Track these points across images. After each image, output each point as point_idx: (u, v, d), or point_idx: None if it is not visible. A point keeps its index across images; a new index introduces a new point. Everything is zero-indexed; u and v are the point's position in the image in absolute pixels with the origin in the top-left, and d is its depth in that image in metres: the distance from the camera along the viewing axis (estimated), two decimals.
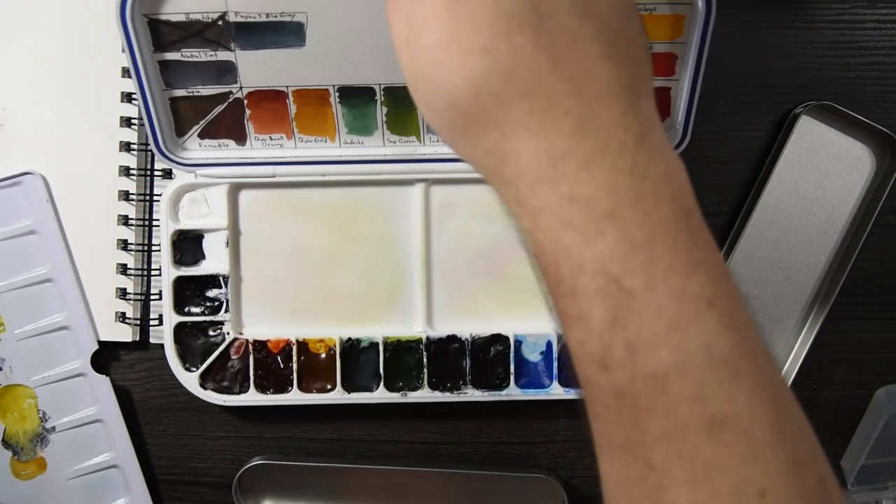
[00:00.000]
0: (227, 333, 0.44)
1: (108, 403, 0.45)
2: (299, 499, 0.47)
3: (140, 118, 0.44)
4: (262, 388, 0.44)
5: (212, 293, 0.44)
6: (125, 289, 0.44)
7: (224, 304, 0.44)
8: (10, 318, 0.44)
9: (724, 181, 0.46)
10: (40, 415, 0.45)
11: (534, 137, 0.26)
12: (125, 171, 0.44)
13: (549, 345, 0.45)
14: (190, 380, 0.44)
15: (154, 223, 0.45)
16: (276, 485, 0.47)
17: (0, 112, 0.44)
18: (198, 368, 0.44)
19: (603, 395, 0.26)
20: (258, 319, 0.45)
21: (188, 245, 0.44)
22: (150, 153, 0.45)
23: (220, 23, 0.41)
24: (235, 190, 0.44)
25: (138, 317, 0.45)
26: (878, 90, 0.46)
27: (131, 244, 0.44)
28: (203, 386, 0.44)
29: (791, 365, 0.45)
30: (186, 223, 0.44)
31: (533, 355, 0.45)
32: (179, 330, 0.44)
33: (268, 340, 0.44)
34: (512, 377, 0.44)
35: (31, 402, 0.45)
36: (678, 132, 0.43)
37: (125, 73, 0.44)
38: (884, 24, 0.46)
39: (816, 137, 0.46)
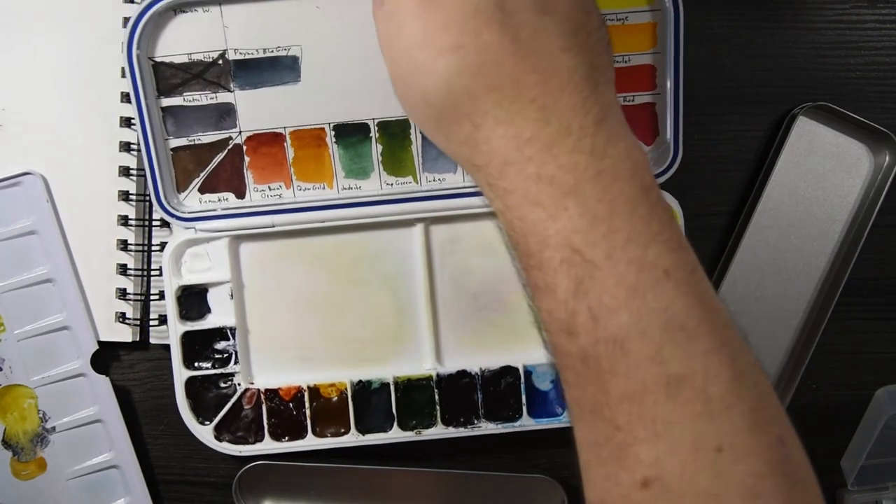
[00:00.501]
0: (238, 384, 0.44)
1: (108, 403, 0.45)
2: (299, 499, 0.47)
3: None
4: (276, 436, 0.44)
5: (220, 345, 0.44)
6: (125, 289, 0.44)
7: (233, 356, 0.44)
8: (10, 318, 0.44)
9: (725, 181, 0.46)
10: (40, 415, 0.45)
11: (501, 125, 0.29)
12: (125, 171, 0.44)
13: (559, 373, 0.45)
14: (205, 433, 0.44)
15: (154, 223, 0.45)
16: (276, 485, 0.47)
17: (0, 112, 0.44)
18: (211, 421, 0.44)
19: (571, 362, 0.28)
20: (268, 368, 0.45)
21: (193, 299, 0.44)
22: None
23: (220, 62, 0.42)
24: (236, 242, 0.44)
25: (138, 317, 0.45)
26: (879, 90, 0.46)
27: (131, 244, 0.44)
28: (218, 438, 0.44)
29: (797, 365, 0.45)
30: (189, 278, 0.44)
31: (544, 384, 0.45)
32: (191, 384, 0.44)
33: (279, 388, 0.44)
34: (524, 408, 0.44)
35: (31, 402, 0.45)
36: (669, 149, 0.43)
37: (125, 73, 0.44)
38: (884, 24, 0.46)
39: (814, 138, 0.46)
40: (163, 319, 0.45)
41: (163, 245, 0.44)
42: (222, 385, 0.44)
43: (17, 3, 0.44)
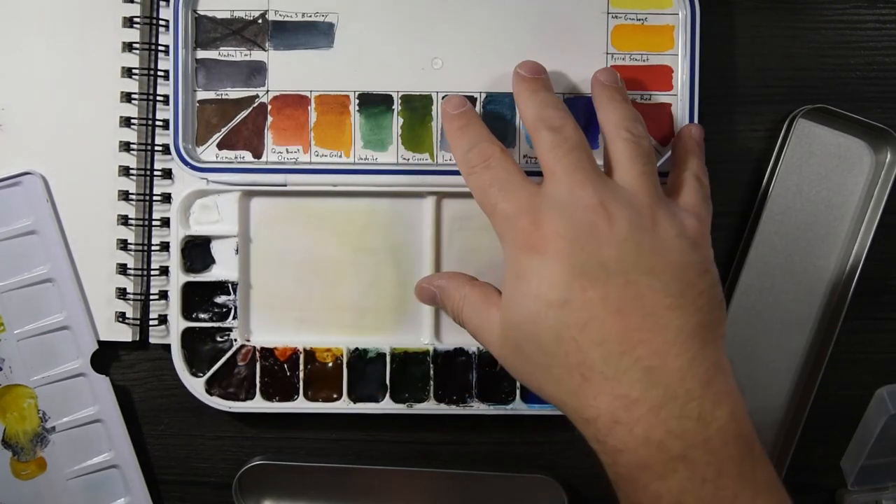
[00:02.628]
0: (235, 340, 0.44)
1: (108, 403, 0.45)
2: (299, 499, 0.47)
3: (142, 118, 0.44)
4: (267, 396, 0.44)
5: (220, 299, 0.44)
6: (125, 289, 0.44)
7: (232, 311, 0.44)
8: (10, 318, 0.44)
9: (728, 181, 0.46)
10: (40, 415, 0.45)
11: (608, 382, 0.30)
12: (125, 171, 0.44)
13: None
14: (196, 385, 0.44)
15: (154, 223, 0.45)
16: (276, 485, 0.47)
17: (0, 112, 0.44)
18: (204, 374, 0.44)
19: None
20: (266, 327, 0.45)
21: (197, 251, 0.44)
22: (150, 153, 0.45)
23: (259, 21, 0.43)
24: (247, 197, 0.44)
25: (138, 317, 0.45)
26: (879, 90, 0.46)
27: (131, 244, 0.44)
28: (209, 392, 0.44)
29: (815, 368, 0.46)
30: (197, 229, 0.44)
31: None
32: (187, 335, 0.44)
33: (275, 348, 0.44)
34: (518, 391, 0.44)
35: (31, 402, 0.45)
36: None
37: (125, 72, 0.44)
38: (884, 24, 0.46)
39: (814, 140, 0.46)
40: (163, 319, 0.45)
41: (163, 244, 0.45)
42: (219, 339, 0.44)
43: (17, 3, 0.44)
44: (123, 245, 0.44)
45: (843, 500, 0.47)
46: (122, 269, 0.44)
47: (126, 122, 0.44)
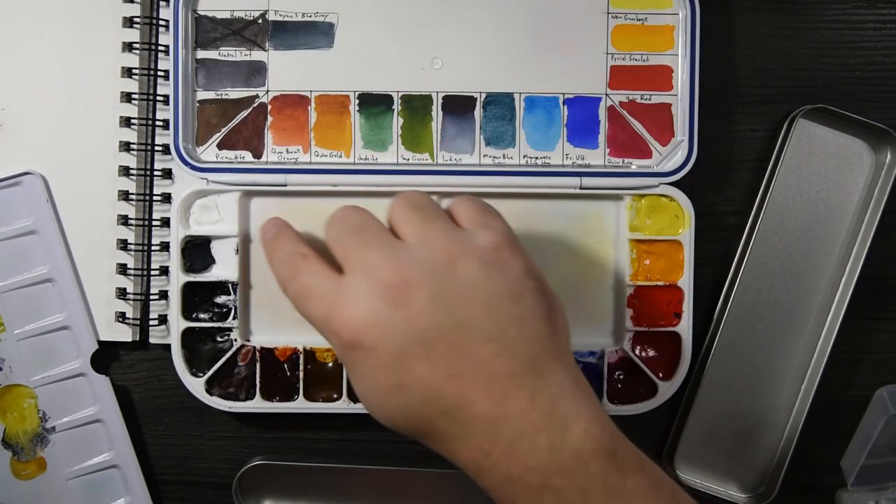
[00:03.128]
0: (235, 340, 0.44)
1: (108, 403, 0.45)
2: (299, 499, 0.47)
3: (142, 118, 0.44)
4: (267, 396, 0.44)
5: (220, 299, 0.44)
6: (125, 289, 0.44)
7: (232, 311, 0.44)
8: (10, 318, 0.44)
9: (728, 181, 0.46)
10: (40, 415, 0.45)
11: (460, 441, 0.31)
12: (125, 171, 0.44)
13: None
14: (196, 385, 0.44)
15: (154, 223, 0.45)
16: (276, 485, 0.47)
17: (0, 112, 0.44)
18: (204, 374, 0.44)
19: None
20: (266, 327, 0.45)
21: (197, 251, 0.44)
22: (150, 153, 0.45)
23: (259, 21, 0.43)
24: (247, 197, 0.44)
25: (138, 317, 0.45)
26: (879, 90, 0.46)
27: (131, 244, 0.44)
28: (209, 392, 0.44)
29: (815, 368, 0.45)
30: (197, 229, 0.44)
31: None
32: (187, 335, 0.44)
33: (275, 348, 0.44)
34: None
35: (31, 402, 0.45)
36: (685, 148, 0.43)
37: (125, 72, 0.44)
38: (884, 24, 0.46)
39: (814, 140, 0.46)
40: (163, 319, 0.45)
41: (163, 244, 0.45)
42: (219, 339, 0.44)
43: (17, 3, 0.44)
44: (123, 245, 0.44)
45: (843, 500, 0.47)
46: (122, 269, 0.44)
47: (126, 122, 0.44)
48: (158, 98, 0.44)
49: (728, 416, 0.46)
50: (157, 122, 0.45)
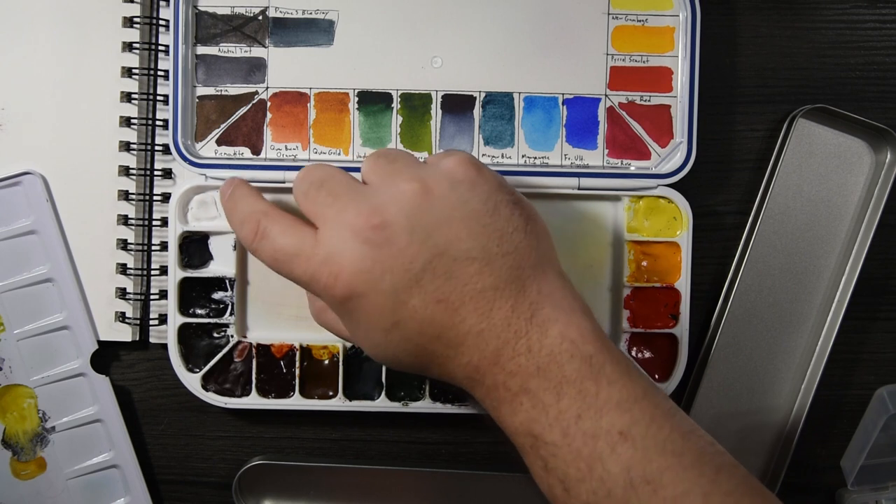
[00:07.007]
0: (231, 336, 0.44)
1: (108, 403, 0.45)
2: (299, 499, 0.47)
3: (142, 117, 0.44)
4: (263, 392, 0.44)
5: (217, 295, 0.44)
6: (125, 289, 0.45)
7: (229, 307, 0.44)
8: (9, 318, 0.44)
9: (727, 181, 0.46)
10: (40, 415, 0.45)
11: (454, 359, 0.33)
12: (125, 171, 0.44)
13: None
14: (192, 381, 0.44)
15: (154, 223, 0.45)
16: (276, 485, 0.47)
17: (0, 112, 0.44)
18: (201, 370, 0.44)
19: None
20: (262, 323, 0.45)
21: (194, 247, 0.44)
22: (150, 153, 0.45)
23: (259, 17, 0.43)
24: None
25: (138, 317, 0.45)
26: (879, 90, 0.46)
27: (131, 244, 0.45)
28: (205, 388, 0.44)
29: (815, 368, 0.45)
30: (195, 225, 0.44)
31: None
32: (184, 331, 0.44)
33: (271, 345, 0.44)
34: None
35: (30, 402, 0.45)
36: (683, 150, 0.43)
37: (125, 72, 0.44)
38: (884, 24, 0.46)
39: (814, 139, 0.46)
40: (163, 319, 0.45)
41: (163, 244, 0.45)
42: (215, 335, 0.44)
43: (16, 2, 0.44)
44: (123, 245, 0.44)
45: (843, 500, 0.47)
46: (122, 268, 0.44)
47: (126, 121, 0.44)
48: (158, 98, 0.45)
49: (728, 415, 0.46)
50: (157, 122, 0.45)
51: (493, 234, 0.32)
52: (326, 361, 0.44)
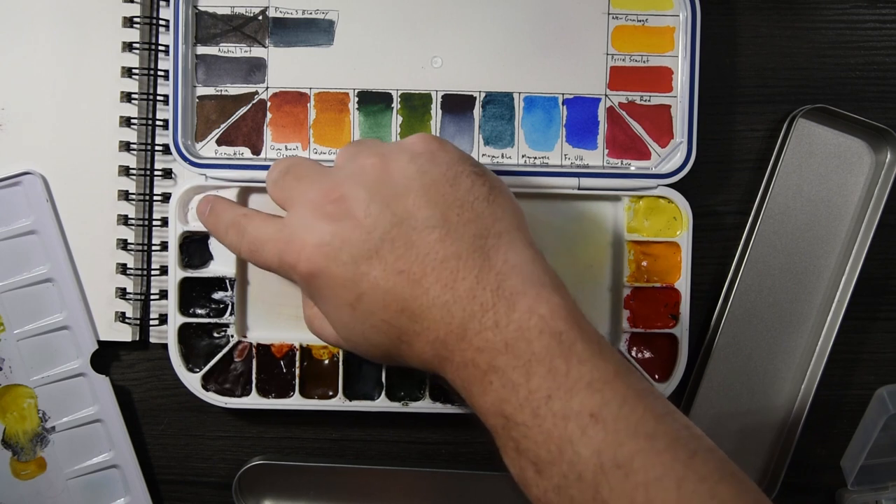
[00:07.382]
0: (232, 336, 0.44)
1: (108, 403, 0.45)
2: (299, 499, 0.47)
3: (142, 117, 0.44)
4: (263, 392, 0.44)
5: (217, 295, 0.44)
6: (125, 289, 0.45)
7: (229, 307, 0.44)
8: (9, 318, 0.44)
9: (727, 181, 0.46)
10: (40, 415, 0.45)
11: (420, 336, 0.32)
12: (125, 171, 0.44)
13: None
14: (192, 380, 0.44)
15: (154, 223, 0.45)
16: (276, 485, 0.47)
17: (0, 112, 0.44)
18: (201, 369, 0.44)
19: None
20: (263, 323, 0.45)
21: (194, 247, 0.44)
22: (149, 153, 0.45)
23: (259, 17, 0.43)
24: (245, 194, 0.44)
25: (138, 317, 0.45)
26: (879, 90, 0.46)
27: (131, 244, 0.45)
28: (205, 387, 0.44)
29: (814, 368, 0.45)
30: (195, 225, 0.44)
31: None
32: (184, 331, 0.44)
33: (271, 344, 0.44)
34: None
35: (30, 402, 0.45)
36: (683, 150, 0.43)
37: (125, 72, 0.44)
38: (884, 24, 0.46)
39: (814, 139, 0.46)
40: (163, 319, 0.45)
41: (163, 244, 0.45)
42: (215, 335, 0.44)
43: (16, 2, 0.44)
44: (123, 245, 0.44)
45: (843, 500, 0.47)
46: (122, 268, 0.44)
47: (126, 121, 0.44)
48: (158, 98, 0.45)
49: (728, 415, 0.46)
50: (158, 122, 0.45)
51: (453, 203, 0.32)
52: (326, 361, 0.44)
